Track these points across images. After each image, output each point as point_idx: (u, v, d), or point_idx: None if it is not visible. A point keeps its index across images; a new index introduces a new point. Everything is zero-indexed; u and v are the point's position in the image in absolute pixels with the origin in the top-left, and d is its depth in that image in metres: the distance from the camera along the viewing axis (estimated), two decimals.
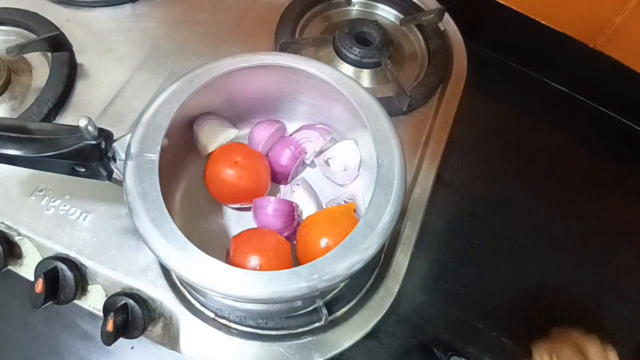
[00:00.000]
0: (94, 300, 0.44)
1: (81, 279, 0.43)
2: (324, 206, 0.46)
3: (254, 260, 0.38)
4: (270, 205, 0.42)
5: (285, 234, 0.42)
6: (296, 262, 0.43)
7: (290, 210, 0.43)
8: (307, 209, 0.44)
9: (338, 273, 0.32)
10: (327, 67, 0.42)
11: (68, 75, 0.52)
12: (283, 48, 0.56)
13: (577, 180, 0.62)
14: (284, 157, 0.45)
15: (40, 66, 0.54)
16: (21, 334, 0.48)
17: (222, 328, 0.43)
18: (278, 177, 0.46)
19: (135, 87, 0.53)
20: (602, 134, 0.67)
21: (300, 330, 0.43)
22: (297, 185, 0.45)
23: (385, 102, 0.47)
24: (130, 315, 0.41)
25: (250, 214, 0.45)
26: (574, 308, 0.53)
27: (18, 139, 0.34)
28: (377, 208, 0.35)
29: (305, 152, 0.47)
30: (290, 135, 0.49)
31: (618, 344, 0.51)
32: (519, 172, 0.61)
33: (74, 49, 0.55)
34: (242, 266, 0.37)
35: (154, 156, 0.35)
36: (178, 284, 0.44)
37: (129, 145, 0.36)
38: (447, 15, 0.63)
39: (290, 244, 0.42)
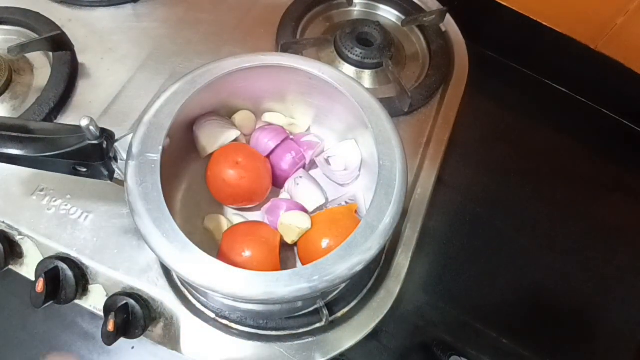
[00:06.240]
0: (94, 300, 0.44)
1: (82, 278, 0.43)
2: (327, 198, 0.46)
3: (241, 248, 0.38)
4: (285, 205, 0.42)
5: None
6: (298, 262, 0.43)
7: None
8: (314, 198, 0.44)
9: (339, 274, 0.32)
10: (328, 67, 0.42)
11: (69, 75, 0.52)
12: (284, 48, 0.56)
13: (577, 181, 0.62)
14: (284, 162, 0.45)
15: (41, 66, 0.54)
16: (22, 334, 0.48)
17: (222, 328, 0.43)
18: (277, 182, 0.46)
19: (136, 87, 0.53)
20: (602, 135, 0.67)
21: (301, 330, 0.43)
22: (300, 177, 0.45)
23: (386, 102, 0.47)
24: (131, 315, 0.41)
25: (252, 214, 0.45)
26: (574, 309, 0.53)
27: (19, 138, 0.34)
28: (378, 209, 0.35)
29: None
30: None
31: (618, 344, 0.51)
32: (519, 173, 0.61)
33: (75, 48, 0.55)
34: (231, 257, 0.38)
35: (156, 156, 0.35)
36: (179, 284, 0.44)
37: (130, 145, 0.36)
38: (448, 16, 0.63)
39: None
